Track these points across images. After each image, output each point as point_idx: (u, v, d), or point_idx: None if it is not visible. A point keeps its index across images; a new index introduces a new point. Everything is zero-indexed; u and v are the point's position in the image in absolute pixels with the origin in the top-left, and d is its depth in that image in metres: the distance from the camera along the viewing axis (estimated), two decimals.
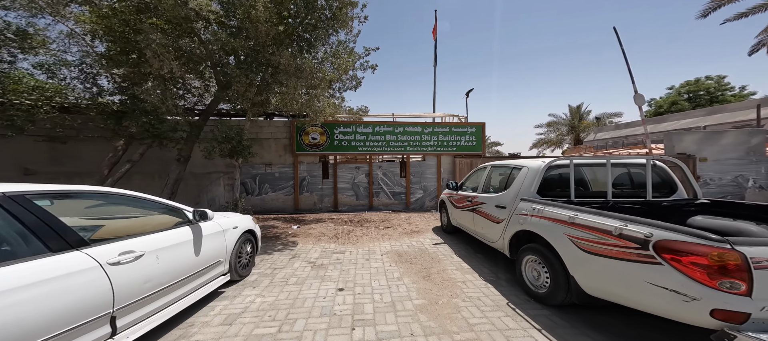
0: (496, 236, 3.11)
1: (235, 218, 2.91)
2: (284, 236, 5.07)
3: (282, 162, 7.69)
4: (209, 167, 7.05)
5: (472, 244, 4.36)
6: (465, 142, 8.07)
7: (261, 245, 4.37)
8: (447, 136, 8.07)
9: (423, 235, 5.11)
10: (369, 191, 8.14)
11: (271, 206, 7.64)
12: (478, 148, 8.06)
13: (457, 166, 7.95)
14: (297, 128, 7.67)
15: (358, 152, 8.04)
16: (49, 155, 5.94)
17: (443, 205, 5.25)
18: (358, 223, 6.28)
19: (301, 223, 6.20)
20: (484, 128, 8.06)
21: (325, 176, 7.96)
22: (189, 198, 7.05)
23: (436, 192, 8.22)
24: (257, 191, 7.55)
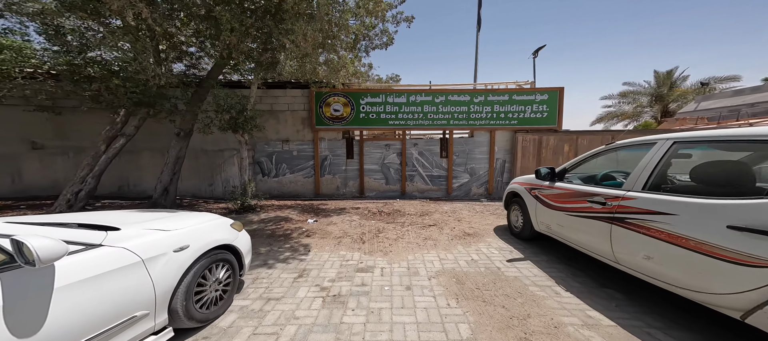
0: (725, 286, 1.44)
1: (188, 230, 1.73)
2: (296, 234, 3.99)
3: (300, 138, 6.59)
4: (222, 144, 6.25)
5: (578, 262, 2.73)
6: (532, 113, 5.97)
7: (266, 248, 3.34)
8: (505, 105, 6.04)
9: (483, 240, 3.59)
10: (401, 174, 6.72)
11: (288, 190, 6.74)
12: (552, 120, 5.91)
13: (518, 143, 5.99)
14: (316, 97, 6.37)
15: (388, 126, 6.54)
16: (55, 129, 5.69)
17: (515, 199, 3.59)
18: (389, 216, 4.97)
19: (320, 215, 5.10)
20: (561, 95, 5.81)
21: (349, 155, 6.70)
22: (202, 179, 6.46)
23: (488, 177, 6.45)
24: (274, 171, 6.65)
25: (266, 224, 4.37)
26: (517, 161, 6.01)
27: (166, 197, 4.40)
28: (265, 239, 3.70)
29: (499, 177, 6.46)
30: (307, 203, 6.01)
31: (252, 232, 3.94)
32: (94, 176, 4.19)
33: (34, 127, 5.54)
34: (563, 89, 5.76)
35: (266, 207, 5.41)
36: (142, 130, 4.76)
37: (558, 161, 5.83)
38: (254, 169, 6.55)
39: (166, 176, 4.34)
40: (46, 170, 5.80)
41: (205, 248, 1.72)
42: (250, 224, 4.30)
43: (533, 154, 5.91)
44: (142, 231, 1.47)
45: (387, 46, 6.08)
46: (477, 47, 11.65)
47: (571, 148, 5.72)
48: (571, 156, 5.75)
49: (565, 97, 5.79)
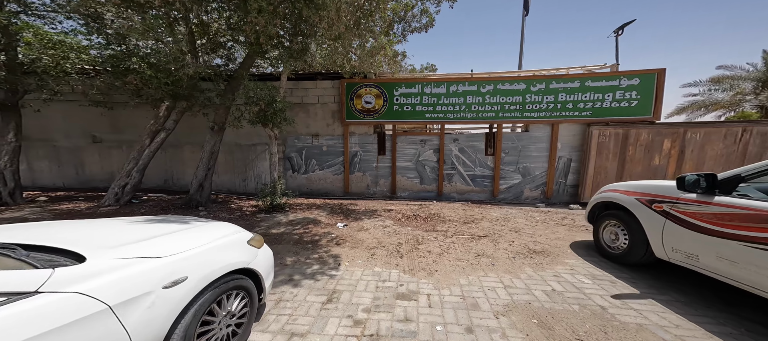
0: None
1: (188, 255, 1.27)
2: (325, 241, 3.56)
3: (330, 133, 6.23)
4: (254, 138, 6.19)
5: (742, 305, 1.79)
6: (613, 101, 4.72)
7: (292, 258, 2.95)
8: (574, 94, 4.88)
9: (560, 262, 2.73)
10: (439, 172, 5.97)
11: (318, 187, 6.45)
12: (644, 109, 4.60)
13: (592, 139, 4.79)
14: (347, 88, 5.93)
15: (424, 119, 5.83)
16: (111, 123, 6.15)
17: (609, 212, 2.64)
18: (427, 222, 4.30)
19: (350, 217, 4.64)
20: (661, 80, 4.45)
21: (381, 150, 6.16)
22: (236, 173, 6.50)
23: (547, 178, 5.37)
24: (303, 168, 6.42)
25: (294, 227, 4.05)
26: (589, 161, 4.83)
27: (201, 193, 4.36)
28: (292, 246, 3.33)
29: (561, 179, 5.32)
30: (337, 203, 5.62)
31: (278, 236, 3.61)
32: (139, 170, 4.32)
33: (93, 122, 6.10)
34: (664, 72, 4.36)
35: (295, 206, 5.15)
36: (182, 124, 4.82)
37: (653, 161, 4.52)
38: (284, 164, 6.40)
39: (201, 171, 4.29)
40: (104, 162, 6.37)
41: (212, 276, 1.29)
42: (277, 227, 4.01)
43: (614, 152, 4.67)
44: (116, 261, 1.04)
45: (427, 28, 5.35)
46: (523, 34, 10.16)
47: (674, 144, 4.36)
48: (674, 155, 4.39)
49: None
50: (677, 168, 4.34)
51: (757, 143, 3.92)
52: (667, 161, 4.38)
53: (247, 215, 4.35)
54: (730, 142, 4.05)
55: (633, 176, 4.57)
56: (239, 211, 4.59)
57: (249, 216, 4.32)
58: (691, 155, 4.24)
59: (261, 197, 4.33)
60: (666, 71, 4.30)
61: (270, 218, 4.33)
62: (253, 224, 4.03)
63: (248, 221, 4.15)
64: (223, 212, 4.37)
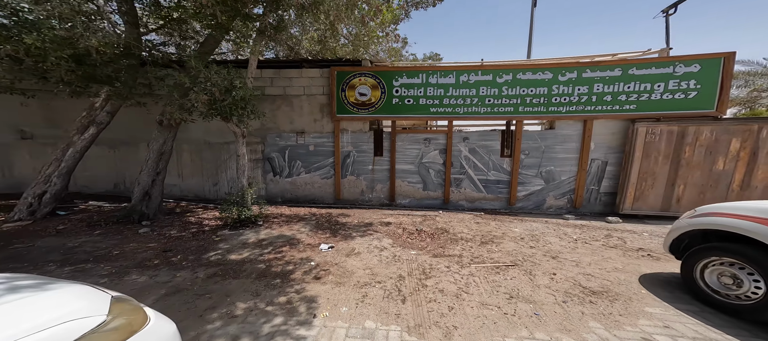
0: None
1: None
2: (300, 273, 2.66)
3: (318, 130, 5.33)
4: (228, 136, 5.27)
5: None
6: (667, 92, 3.86)
7: (248, 303, 2.05)
8: (614, 84, 4.02)
9: (643, 311, 1.86)
10: (445, 176, 5.08)
11: (304, 193, 5.54)
12: (707, 102, 3.74)
13: (638, 138, 3.93)
14: (338, 78, 5.04)
15: (429, 115, 4.95)
16: (45, 116, 5.17)
17: (728, 244, 1.75)
18: (435, 240, 3.41)
19: (338, 235, 3.72)
20: (728, 66, 3.57)
21: (377, 151, 5.27)
22: (205, 176, 5.57)
23: (576, 184, 4.49)
24: (287, 170, 5.51)
25: (263, 250, 3.13)
26: (632, 164, 3.96)
27: (148, 203, 3.45)
28: (253, 282, 2.43)
29: (593, 186, 4.45)
30: (325, 214, 4.71)
31: (237, 266, 2.70)
32: (62, 174, 3.41)
33: (23, 114, 5.14)
34: (733, 56, 3.48)
35: (272, 219, 4.22)
36: (136, 119, 3.92)
37: (716, 165, 3.66)
38: (264, 167, 5.48)
39: (147, 176, 3.38)
40: (36, 162, 5.37)
41: None
42: (240, 250, 3.09)
43: (666, 153, 3.80)
44: None
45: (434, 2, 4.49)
46: (532, 22, 9.34)
47: (745, 145, 3.50)
48: (743, 158, 3.53)
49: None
50: (746, 174, 3.50)
51: None
52: (734, 166, 3.53)
53: (204, 233, 3.43)
54: None
55: (689, 183, 3.72)
56: (197, 226, 3.67)
57: (207, 234, 3.41)
58: (767, 158, 3.39)
59: (224, 210, 3.41)
60: (736, 56, 3.43)
61: (234, 236, 3.41)
62: (207, 248, 3.11)
63: (202, 242, 3.23)
64: (174, 228, 3.45)
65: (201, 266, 2.67)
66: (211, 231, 3.47)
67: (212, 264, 2.73)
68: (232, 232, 3.48)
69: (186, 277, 2.45)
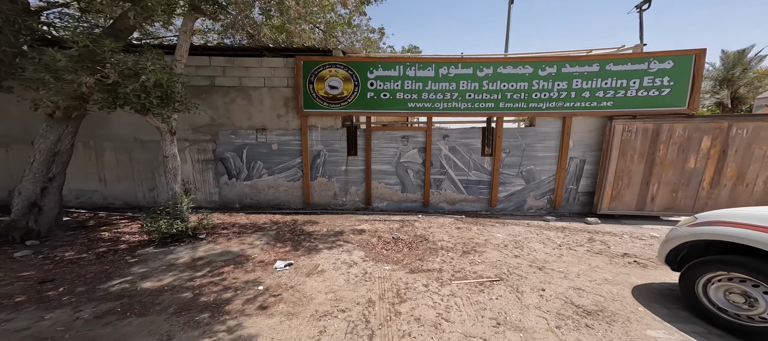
0: None
1: None
2: (240, 302, 2.11)
3: (282, 126, 4.70)
4: None
5: None
6: (642, 89, 3.81)
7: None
8: (592, 79, 3.91)
9: (644, 335, 1.56)
10: (425, 178, 4.73)
11: (267, 198, 4.88)
12: (679, 100, 3.74)
13: (615, 135, 3.84)
14: (305, 69, 4.45)
15: (407, 110, 4.56)
16: None
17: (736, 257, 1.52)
18: (413, 251, 3.01)
19: (302, 247, 3.18)
20: (699, 63, 3.58)
21: (351, 150, 4.77)
22: (140, 180, 4.68)
23: (555, 183, 4.36)
24: (245, 172, 4.80)
25: (196, 272, 2.50)
26: (609, 163, 3.88)
27: (37, 217, 2.62)
28: (169, 318, 1.85)
29: (572, 185, 4.36)
30: (289, 221, 4.12)
31: (152, 296, 2.09)
32: None
33: None
34: (703, 53, 3.49)
35: (219, 231, 3.56)
36: (31, 111, 3.00)
37: (688, 163, 3.67)
38: (216, 169, 4.72)
39: (31, 183, 2.56)
40: None
41: None
42: (162, 274, 2.44)
43: (641, 151, 3.76)
44: None
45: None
46: (509, 19, 9.41)
47: (715, 143, 3.53)
48: (713, 156, 3.56)
49: None
50: (716, 172, 3.56)
51: None
52: (704, 164, 3.58)
53: (116, 253, 2.69)
54: None
55: (663, 181, 3.73)
56: (109, 244, 2.90)
57: (120, 254, 2.67)
58: (735, 156, 3.47)
59: (147, 228, 2.71)
60: (706, 53, 3.45)
61: (159, 256, 2.72)
62: (112, 274, 2.40)
63: (108, 266, 2.50)
64: (73, 249, 2.65)
65: (92, 301, 2.00)
66: (127, 250, 2.74)
67: (111, 296, 2.06)
68: (158, 250, 2.78)
69: (60, 319, 1.78)
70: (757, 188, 3.46)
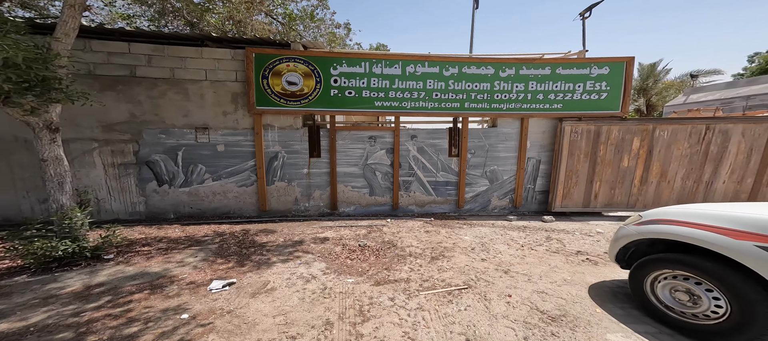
0: None
1: None
2: (151, 336, 1.61)
3: (230, 125, 4.08)
4: (65, 131, 3.51)
5: None
6: (584, 93, 4.15)
7: None
8: (545, 82, 4.16)
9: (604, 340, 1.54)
10: (393, 180, 4.55)
11: (213, 206, 4.21)
12: (614, 104, 4.14)
13: (564, 136, 4.12)
14: (258, 62, 3.94)
15: (374, 109, 4.33)
16: None
17: (682, 255, 1.58)
18: (380, 258, 2.77)
19: (249, 261, 2.72)
20: (629, 70, 4.03)
21: (314, 151, 4.37)
22: (24, 189, 3.64)
23: (516, 183, 4.55)
24: (182, 177, 4.06)
25: (88, 303, 1.91)
26: (560, 163, 4.17)
27: None
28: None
29: (529, 184, 4.59)
30: (238, 232, 3.55)
31: (11, 339, 1.48)
32: None
33: None
34: (633, 60, 3.97)
35: (136, 248, 2.88)
36: None
37: (622, 163, 4.10)
38: (140, 174, 3.90)
39: None
40: None
41: None
42: (33, 311, 1.81)
43: (586, 152, 4.11)
44: None
45: None
46: (473, 24, 9.87)
47: (643, 143, 4.01)
48: (642, 155, 4.04)
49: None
50: (644, 170, 4.06)
51: (718, 141, 3.85)
52: (635, 163, 4.05)
53: None
54: (694, 141, 3.91)
55: (603, 180, 4.12)
56: None
57: None
58: (659, 155, 3.99)
59: (20, 245, 2.00)
60: (635, 61, 3.92)
61: (32, 286, 2.03)
62: None
63: None
64: None
65: None
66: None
67: None
68: (33, 279, 2.08)
69: None
70: (677, 184, 4.06)
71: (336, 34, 5.83)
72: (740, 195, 3.90)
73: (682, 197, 4.05)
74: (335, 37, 5.72)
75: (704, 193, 4.00)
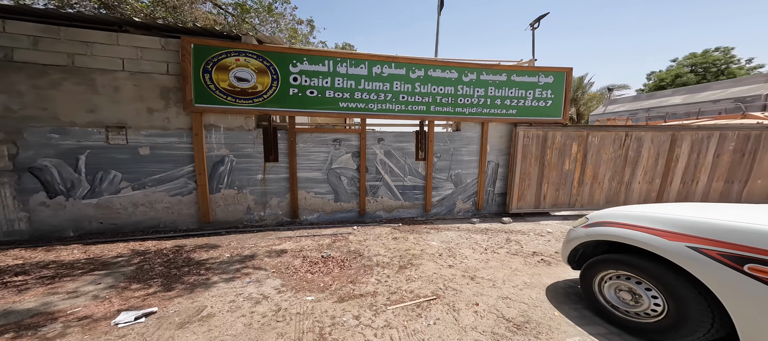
0: None
1: None
2: None
3: (157, 124, 3.38)
4: None
5: None
6: (534, 100, 4.54)
7: None
8: (502, 88, 4.44)
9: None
10: (360, 185, 4.34)
11: (135, 220, 3.42)
12: (557, 111, 4.61)
13: (518, 141, 4.45)
14: (198, 54, 3.36)
15: (339, 110, 4.08)
16: None
17: (623, 256, 1.70)
18: (344, 270, 2.54)
19: (179, 285, 2.21)
20: (569, 80, 4.55)
21: (270, 155, 3.91)
22: None
23: (478, 186, 4.74)
24: (86, 186, 3.22)
25: None
26: (515, 166, 4.48)
27: None
28: None
29: (490, 187, 4.85)
30: (168, 249, 2.92)
31: None
32: None
33: None
34: (571, 71, 4.50)
35: (5, 278, 2.15)
36: None
37: (564, 166, 4.58)
38: (19, 183, 2.97)
39: None
40: None
41: None
42: None
43: (536, 155, 4.49)
44: None
45: None
46: (438, 30, 10.29)
47: (580, 148, 4.54)
48: (579, 159, 4.57)
49: None
50: (581, 173, 4.62)
51: (634, 147, 4.56)
52: (574, 166, 4.57)
53: None
54: (617, 146, 4.56)
55: (550, 182, 4.56)
56: None
57: None
58: (592, 159, 4.57)
59: None
60: (572, 71, 4.47)
61: None
62: None
63: None
64: None
65: None
66: None
67: None
68: None
69: None
70: (605, 185, 4.72)
71: (298, 30, 5.43)
72: (651, 194, 4.72)
73: (609, 197, 4.73)
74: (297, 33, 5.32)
75: (625, 193, 4.73)
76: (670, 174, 4.66)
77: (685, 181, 4.71)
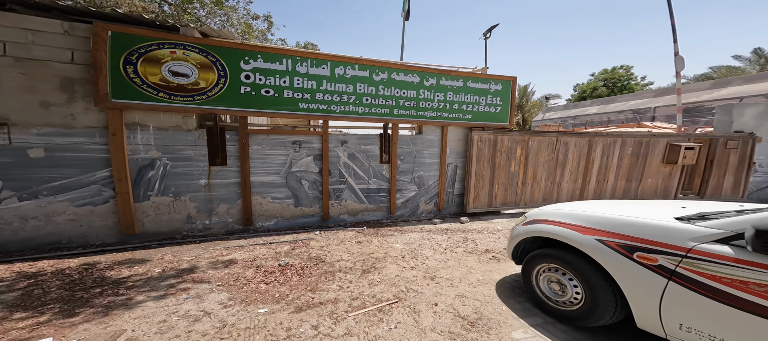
0: None
1: None
2: None
3: (56, 122, 2.73)
4: None
5: None
6: (486, 106, 4.97)
7: None
8: (459, 94, 4.77)
9: (510, 338, 1.74)
10: (323, 188, 4.18)
11: (22, 236, 2.71)
12: (505, 116, 5.12)
13: (473, 144, 4.83)
14: (117, 43, 2.82)
15: (298, 111, 3.86)
16: None
17: (552, 250, 1.95)
18: (304, 278, 2.40)
19: (88, 309, 1.79)
20: (514, 87, 5.10)
21: (216, 157, 3.49)
22: None
23: (439, 188, 5.00)
24: None
25: None
26: (471, 168, 4.85)
27: None
28: None
29: (450, 189, 5.15)
30: (74, 269, 2.36)
31: None
32: None
33: None
34: (516, 80, 5.06)
35: None
36: None
37: (511, 168, 5.12)
38: None
39: None
40: None
41: None
42: None
43: (488, 158, 4.92)
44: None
45: None
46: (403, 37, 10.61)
47: (523, 151, 5.12)
48: (522, 162, 5.15)
49: None
50: (524, 174, 5.23)
51: (563, 151, 5.33)
52: (519, 168, 5.15)
53: None
54: (551, 150, 5.28)
55: (500, 182, 5.06)
56: None
57: None
58: (532, 161, 5.21)
59: None
60: (517, 80, 5.05)
61: None
62: None
63: None
64: None
65: None
66: None
67: None
68: None
69: None
70: (542, 185, 5.44)
71: (253, 26, 4.97)
72: (576, 192, 5.61)
73: (545, 195, 5.46)
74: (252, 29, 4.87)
75: (557, 192, 5.52)
76: (588, 174, 5.61)
77: (599, 180, 5.71)
